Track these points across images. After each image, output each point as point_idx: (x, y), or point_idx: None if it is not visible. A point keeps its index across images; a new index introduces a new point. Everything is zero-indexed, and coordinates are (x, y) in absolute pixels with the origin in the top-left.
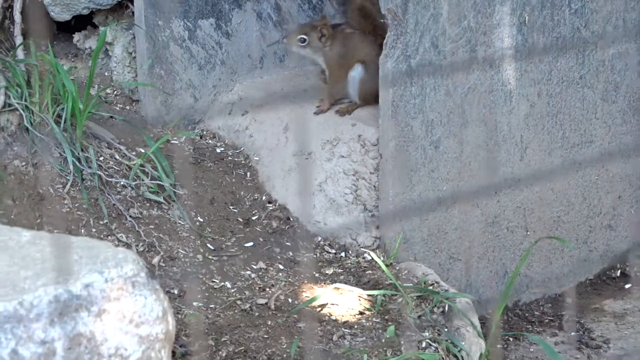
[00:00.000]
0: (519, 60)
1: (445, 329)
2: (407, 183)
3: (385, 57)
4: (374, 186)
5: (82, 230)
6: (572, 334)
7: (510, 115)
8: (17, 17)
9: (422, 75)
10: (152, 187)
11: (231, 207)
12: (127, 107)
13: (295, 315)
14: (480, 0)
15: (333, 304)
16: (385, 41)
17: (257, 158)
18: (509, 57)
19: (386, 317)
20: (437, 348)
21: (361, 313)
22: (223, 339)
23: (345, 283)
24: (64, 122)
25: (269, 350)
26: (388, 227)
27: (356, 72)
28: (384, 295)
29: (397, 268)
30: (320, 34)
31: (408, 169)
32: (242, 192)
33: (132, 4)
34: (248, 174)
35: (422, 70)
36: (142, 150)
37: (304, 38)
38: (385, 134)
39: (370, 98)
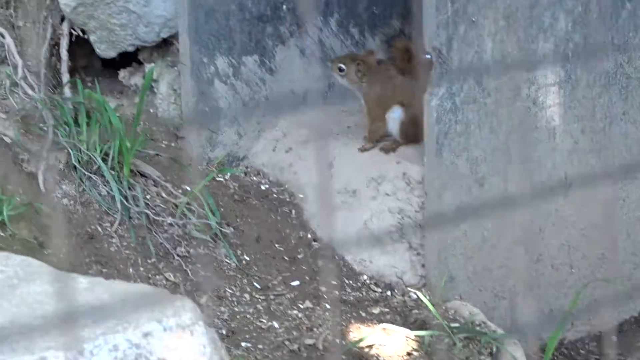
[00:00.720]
0: (562, 96)
1: None
2: (452, 221)
3: (429, 95)
4: (419, 224)
5: (130, 270)
6: None
7: (554, 152)
8: (64, 54)
9: (467, 112)
10: (198, 226)
11: (277, 245)
12: (173, 144)
13: (344, 357)
14: (523, 37)
15: (381, 345)
16: (429, 79)
17: (301, 195)
18: (552, 93)
19: (434, 358)
20: None
21: (409, 354)
22: None
23: (392, 323)
24: (111, 160)
25: None
26: (433, 265)
27: (396, 114)
28: (431, 336)
29: (444, 307)
30: (357, 68)
31: (453, 207)
32: (287, 230)
33: (177, 41)
34: (293, 211)
35: (466, 108)
36: (188, 188)
37: (342, 67)
38: (430, 172)
39: (413, 137)
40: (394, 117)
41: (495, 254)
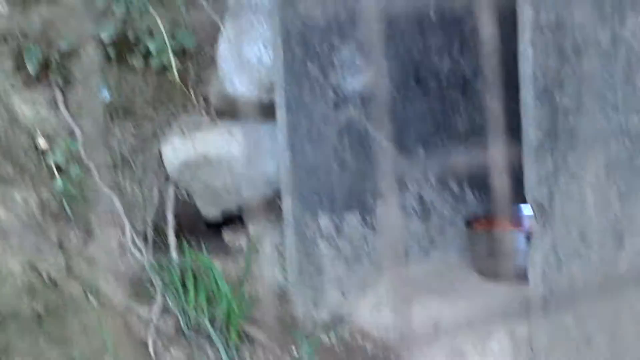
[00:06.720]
0: None
1: None
2: None
3: (533, 251)
4: None
5: None
6: None
7: None
8: (170, 217)
9: (571, 266)
10: None
11: None
12: (278, 305)
13: None
14: (624, 189)
15: None
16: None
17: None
18: None
19: None
20: None
21: None
22: None
23: None
24: (219, 323)
25: None
26: None
27: None
28: None
29: None
30: None
31: None
32: None
33: (280, 200)
34: None
35: (571, 262)
36: (294, 350)
37: None
38: (537, 329)
39: None
40: None
41: None
